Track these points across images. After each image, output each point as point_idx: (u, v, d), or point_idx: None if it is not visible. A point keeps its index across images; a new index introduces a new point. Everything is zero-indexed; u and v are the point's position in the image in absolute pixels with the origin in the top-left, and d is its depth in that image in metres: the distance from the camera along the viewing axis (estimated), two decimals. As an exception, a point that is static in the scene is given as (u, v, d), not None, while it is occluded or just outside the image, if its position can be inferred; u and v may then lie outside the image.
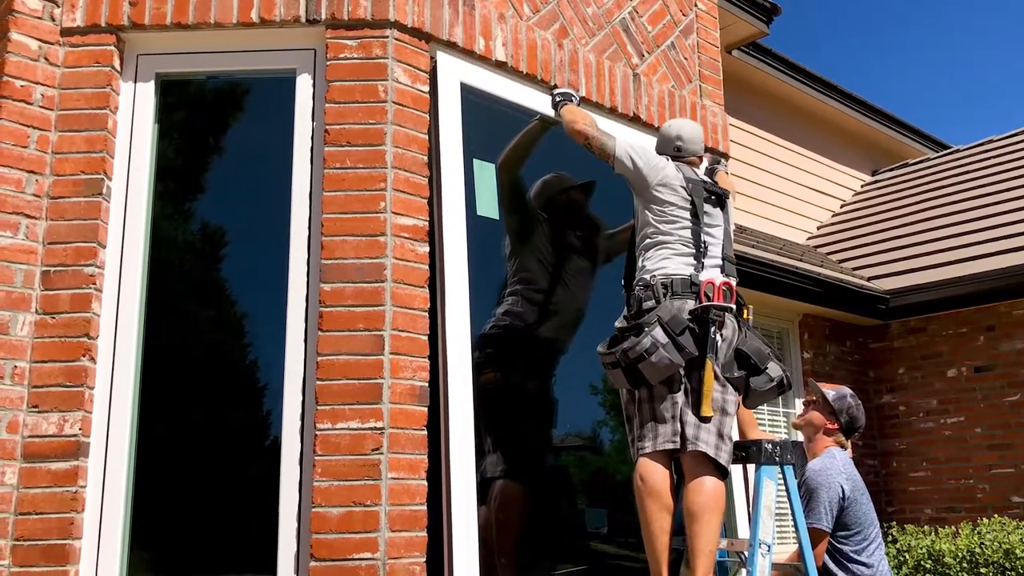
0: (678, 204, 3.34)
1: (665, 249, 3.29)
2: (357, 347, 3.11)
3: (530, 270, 3.78)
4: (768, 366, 3.27)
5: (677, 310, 3.12)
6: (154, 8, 3.37)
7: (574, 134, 3.53)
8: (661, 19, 4.45)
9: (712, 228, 3.36)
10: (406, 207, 3.28)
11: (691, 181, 3.38)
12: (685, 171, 3.42)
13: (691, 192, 3.35)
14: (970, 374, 7.42)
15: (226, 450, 3.28)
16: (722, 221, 3.42)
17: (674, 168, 3.41)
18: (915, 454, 7.66)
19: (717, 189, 3.46)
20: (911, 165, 10.50)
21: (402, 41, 3.40)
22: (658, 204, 3.35)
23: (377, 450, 3.03)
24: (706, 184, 3.44)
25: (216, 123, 3.57)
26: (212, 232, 3.50)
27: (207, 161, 3.55)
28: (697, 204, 3.33)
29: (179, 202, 3.48)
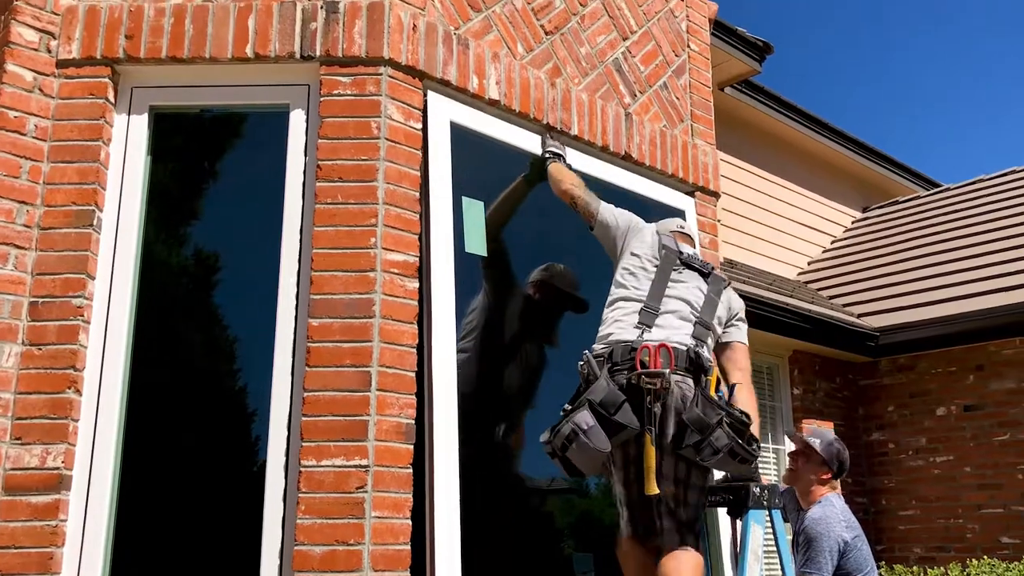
0: (646, 262, 3.29)
1: (619, 309, 3.21)
2: (344, 383, 3.10)
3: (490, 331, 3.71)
4: (714, 435, 2.95)
5: (611, 387, 2.95)
6: (150, 42, 3.38)
7: (560, 193, 3.56)
8: (654, 59, 4.49)
9: (681, 289, 3.25)
10: (397, 243, 3.29)
11: (667, 248, 3.33)
12: (665, 239, 3.38)
13: (663, 258, 3.29)
14: (959, 413, 7.43)
15: (210, 485, 3.26)
16: (700, 287, 3.30)
17: (653, 232, 3.40)
18: (904, 492, 7.65)
19: (696, 263, 3.36)
20: (901, 202, 10.57)
21: (396, 78, 3.42)
22: (627, 260, 3.33)
23: (362, 488, 3.02)
24: (683, 255, 3.35)
25: (209, 157, 3.58)
26: (203, 266, 3.50)
27: (199, 195, 3.56)
28: (663, 266, 3.27)
29: (170, 235, 3.48)
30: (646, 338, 3.07)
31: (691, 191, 4.46)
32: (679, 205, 4.38)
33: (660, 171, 4.31)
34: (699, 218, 4.45)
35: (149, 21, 3.40)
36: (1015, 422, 7.10)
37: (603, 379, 2.99)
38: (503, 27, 3.86)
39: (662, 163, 4.32)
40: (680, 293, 3.25)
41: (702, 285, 3.32)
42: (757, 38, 8.73)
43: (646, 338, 3.07)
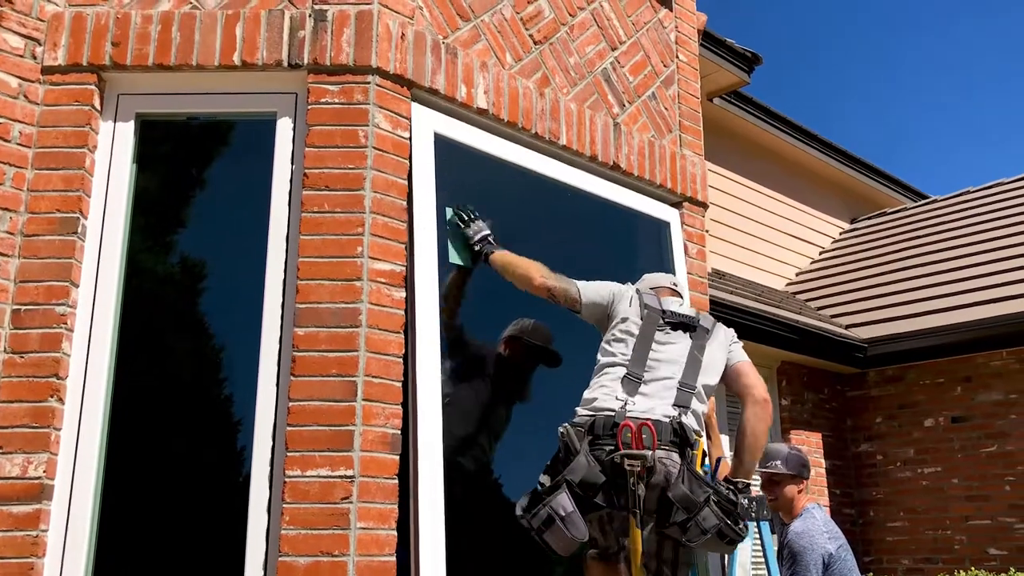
0: (632, 326, 3.23)
1: (604, 375, 3.15)
2: (329, 393, 3.08)
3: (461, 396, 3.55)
4: (702, 514, 2.88)
5: (591, 465, 2.87)
6: (136, 49, 3.37)
7: (533, 289, 3.37)
8: (642, 70, 4.49)
9: (664, 352, 3.19)
10: (384, 252, 3.27)
11: (649, 307, 3.28)
12: (647, 298, 3.33)
13: (644, 318, 3.24)
14: (947, 424, 7.45)
15: (194, 496, 3.22)
16: (684, 346, 3.24)
17: (634, 293, 3.35)
18: (892, 504, 7.65)
19: (682, 318, 3.30)
20: (889, 214, 10.61)
21: (384, 87, 3.41)
22: (614, 327, 3.27)
23: (347, 499, 2.99)
24: (666, 313, 3.29)
25: (196, 165, 3.56)
26: (189, 274, 3.48)
27: (186, 203, 3.54)
28: (646, 328, 3.21)
29: (156, 243, 3.45)
30: (629, 410, 3.00)
31: (679, 202, 4.46)
32: (666, 217, 4.39)
33: (648, 182, 4.31)
34: (687, 228, 4.46)
35: (136, 28, 3.38)
36: (1002, 434, 7.12)
37: (583, 455, 2.90)
38: (492, 36, 3.86)
39: (650, 174, 4.31)
40: (664, 356, 3.19)
41: (685, 343, 3.25)
42: (746, 49, 8.77)
43: (629, 410, 3.00)
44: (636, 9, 4.56)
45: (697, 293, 4.42)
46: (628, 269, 4.30)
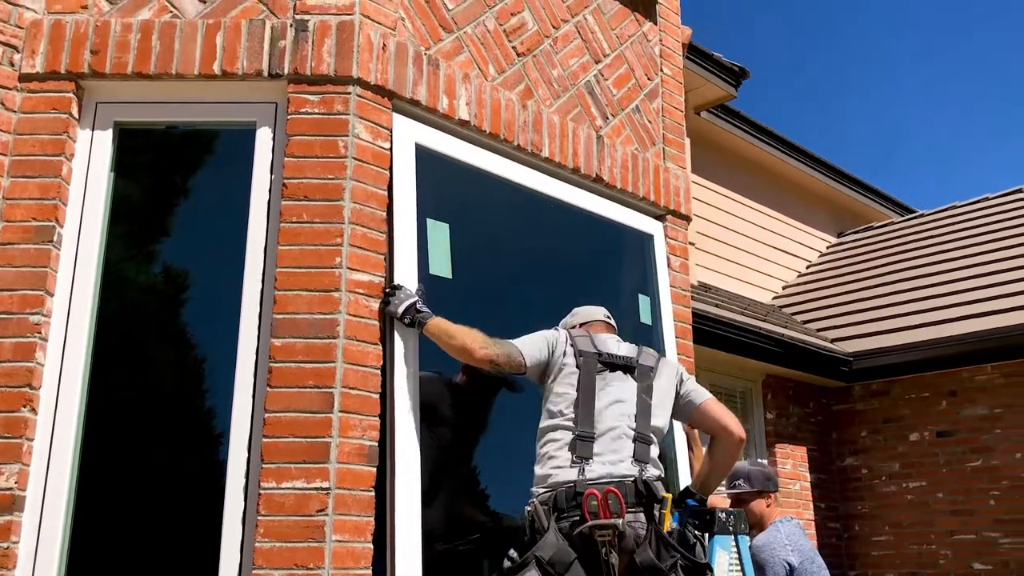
0: (568, 375, 3.07)
1: (552, 441, 2.98)
2: (306, 404, 3.06)
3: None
4: None
5: (560, 543, 2.76)
6: (115, 57, 3.35)
7: (476, 362, 3.13)
8: (626, 82, 4.49)
9: (609, 398, 3.05)
10: (362, 263, 3.25)
11: (583, 354, 3.11)
12: (580, 340, 3.16)
13: (581, 365, 3.08)
14: (932, 439, 7.45)
15: (168, 507, 3.19)
16: (629, 389, 3.11)
17: (566, 338, 3.18)
18: (877, 518, 7.64)
19: (622, 360, 3.16)
20: (876, 228, 10.64)
21: (364, 98, 3.40)
22: (550, 379, 3.11)
23: (322, 511, 2.97)
24: (603, 356, 3.12)
25: (175, 174, 3.54)
26: (166, 284, 3.45)
27: (164, 212, 3.51)
28: (585, 378, 3.05)
29: (133, 252, 3.43)
30: (588, 476, 2.87)
31: (662, 215, 4.46)
32: (649, 229, 4.38)
33: (631, 194, 4.31)
34: (670, 242, 4.45)
35: (115, 37, 3.37)
36: (987, 448, 7.12)
37: (551, 532, 2.79)
38: (475, 48, 3.85)
39: (633, 186, 4.31)
40: (610, 405, 3.04)
41: (630, 385, 3.13)
42: (733, 63, 8.81)
43: (588, 476, 2.87)
44: (620, 22, 4.56)
45: (680, 306, 4.41)
46: (611, 281, 4.32)
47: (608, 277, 4.31)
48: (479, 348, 3.10)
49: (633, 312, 4.25)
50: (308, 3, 3.46)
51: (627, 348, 3.26)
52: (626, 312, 4.25)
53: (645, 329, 4.24)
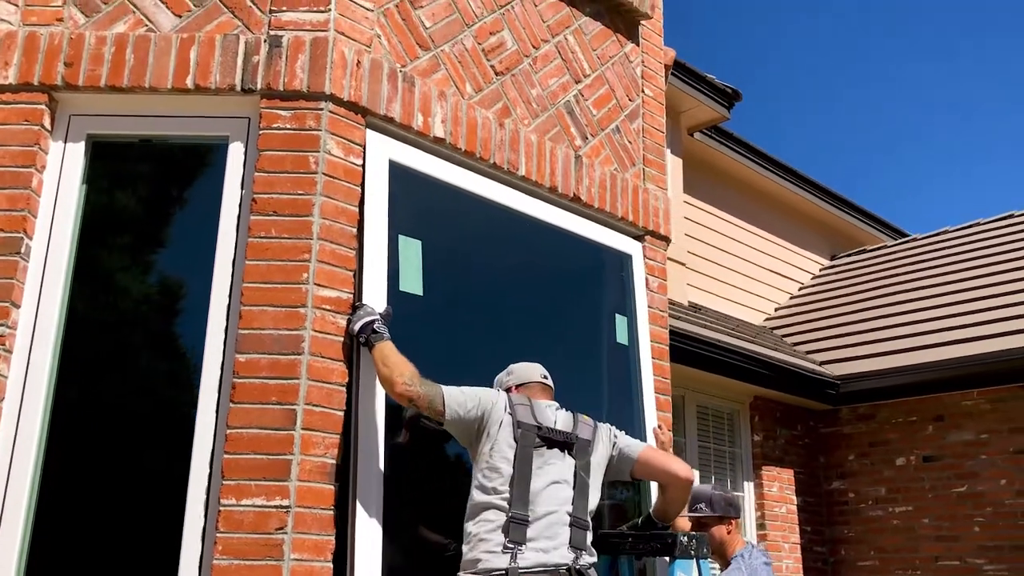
0: (504, 448, 2.93)
1: (484, 521, 2.86)
2: (268, 421, 3.04)
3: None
4: None
5: None
6: (89, 69, 3.35)
7: (394, 396, 3.02)
8: (607, 103, 4.50)
9: (546, 477, 2.94)
10: (330, 279, 3.24)
11: (522, 427, 2.97)
12: (520, 411, 3.01)
13: (519, 439, 2.95)
14: (918, 463, 7.42)
15: (129, 522, 3.17)
16: (568, 468, 3.00)
17: (504, 404, 3.02)
18: (863, 542, 7.60)
19: (559, 436, 3.03)
20: (869, 251, 10.63)
21: (337, 114, 3.40)
22: (483, 452, 2.97)
23: (281, 529, 2.94)
24: (542, 430, 3.00)
25: (147, 187, 3.54)
26: (135, 297, 3.44)
27: (135, 225, 3.50)
28: (522, 453, 2.91)
29: (103, 264, 3.41)
30: (521, 564, 2.76)
31: (641, 235, 4.45)
32: (628, 249, 4.37)
33: (610, 214, 4.30)
34: (648, 262, 4.44)
35: (90, 49, 3.37)
36: (972, 474, 7.09)
37: None
38: (452, 66, 3.86)
39: (612, 206, 4.31)
40: (547, 487, 2.93)
41: (568, 464, 3.02)
42: (726, 85, 8.82)
43: (521, 564, 2.76)
44: (602, 43, 4.57)
45: (657, 327, 4.40)
46: (588, 301, 4.31)
47: (585, 297, 4.29)
48: (401, 383, 2.96)
49: (610, 332, 4.24)
50: (283, 19, 3.47)
51: (564, 419, 3.14)
52: (602, 332, 4.25)
53: (622, 349, 4.23)
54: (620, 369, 4.23)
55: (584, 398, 4.21)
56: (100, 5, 3.47)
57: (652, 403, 4.20)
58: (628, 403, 4.20)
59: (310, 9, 3.48)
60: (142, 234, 3.50)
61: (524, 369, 3.33)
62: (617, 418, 4.20)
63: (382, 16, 3.65)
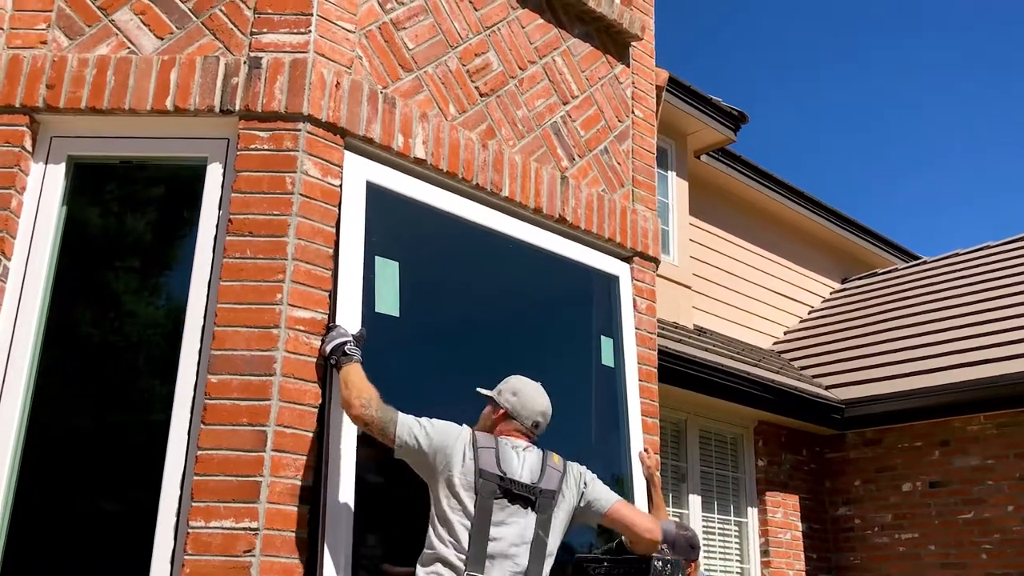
0: (465, 498, 2.80)
1: (433, 554, 2.76)
2: (238, 443, 3.02)
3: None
4: None
5: None
6: (70, 92, 3.38)
7: (351, 418, 2.98)
8: (595, 124, 4.48)
9: (506, 536, 2.81)
10: (304, 300, 3.24)
11: (484, 475, 2.82)
12: (483, 456, 2.85)
13: (480, 490, 2.80)
14: (924, 489, 7.29)
15: (100, 544, 3.15)
16: (529, 527, 2.86)
17: (467, 446, 2.87)
18: (869, 570, 7.47)
19: (521, 491, 2.87)
20: (880, 274, 10.54)
21: (315, 135, 3.40)
22: (441, 496, 2.83)
23: (249, 552, 2.92)
24: (504, 481, 2.84)
25: (126, 208, 3.55)
26: (113, 317, 3.44)
27: (114, 246, 3.50)
28: (483, 504, 2.78)
29: (82, 285, 3.42)
30: None
31: (629, 256, 4.42)
32: (615, 270, 4.34)
33: (596, 235, 4.28)
34: (636, 283, 4.41)
35: (72, 71, 3.40)
36: (979, 500, 6.96)
37: None
38: (435, 88, 3.86)
39: (599, 227, 4.28)
40: (502, 544, 2.80)
41: (528, 522, 2.87)
42: (732, 108, 8.80)
43: None
44: (591, 64, 4.57)
45: (645, 348, 4.36)
46: (573, 322, 4.27)
47: (570, 318, 4.26)
48: (358, 405, 2.90)
49: (596, 355, 4.20)
50: (264, 41, 3.49)
51: (532, 463, 2.95)
52: (588, 355, 4.21)
53: (608, 372, 4.19)
54: (606, 392, 4.20)
55: (569, 422, 4.18)
56: (84, 28, 3.51)
57: (639, 426, 4.16)
58: (614, 426, 4.16)
59: (291, 31, 3.50)
60: (121, 255, 3.51)
61: (525, 402, 3.08)
62: (603, 441, 4.18)
63: (364, 38, 3.67)
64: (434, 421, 2.94)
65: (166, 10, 3.51)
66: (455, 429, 2.94)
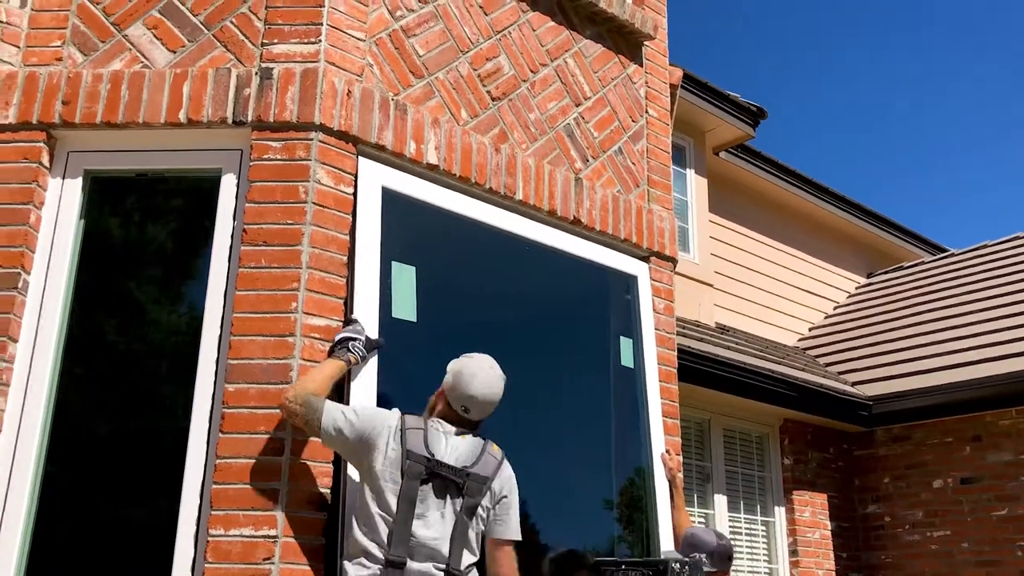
0: (386, 484, 2.77)
1: (360, 565, 2.74)
2: (256, 451, 3.04)
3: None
4: None
5: None
6: (85, 107, 3.42)
7: (278, 405, 2.99)
8: (609, 125, 4.47)
9: (427, 521, 2.78)
10: (319, 307, 3.25)
11: (411, 456, 2.78)
12: (411, 438, 2.80)
13: (405, 472, 2.75)
14: (956, 485, 7.20)
15: (123, 554, 3.18)
16: (451, 514, 2.82)
17: (395, 431, 2.82)
18: (901, 568, 7.38)
19: (447, 472, 2.81)
20: (906, 268, 10.42)
21: (327, 143, 3.42)
22: (367, 482, 2.83)
23: (269, 559, 2.94)
24: (431, 464, 2.78)
25: (143, 220, 3.58)
26: (132, 329, 3.48)
27: (132, 258, 3.54)
28: (407, 489, 2.73)
29: (100, 297, 3.46)
30: None
31: (646, 256, 4.40)
32: (632, 271, 4.33)
33: (612, 236, 4.26)
34: (655, 283, 4.39)
35: (86, 87, 3.44)
36: (1013, 496, 6.85)
37: None
38: (446, 93, 3.87)
39: (614, 228, 4.27)
40: (425, 534, 2.76)
41: (455, 508, 2.82)
42: (750, 103, 8.75)
43: None
44: (603, 65, 4.55)
45: (665, 349, 4.34)
46: (591, 323, 4.27)
47: (588, 319, 4.26)
48: (286, 391, 2.93)
49: (615, 356, 4.19)
50: (274, 51, 3.51)
51: (462, 450, 2.89)
52: (607, 356, 4.20)
53: (626, 372, 4.18)
54: (626, 393, 4.18)
55: (589, 424, 4.18)
56: (98, 43, 3.55)
57: (659, 427, 4.14)
58: (635, 428, 4.14)
59: (301, 41, 3.52)
60: (138, 266, 3.55)
61: (456, 383, 2.97)
62: (624, 443, 4.17)
63: (374, 45, 3.68)
64: (361, 408, 2.93)
65: (178, 23, 3.54)
66: (383, 415, 2.91)
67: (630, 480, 4.18)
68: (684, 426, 4.57)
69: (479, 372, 2.99)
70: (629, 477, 4.20)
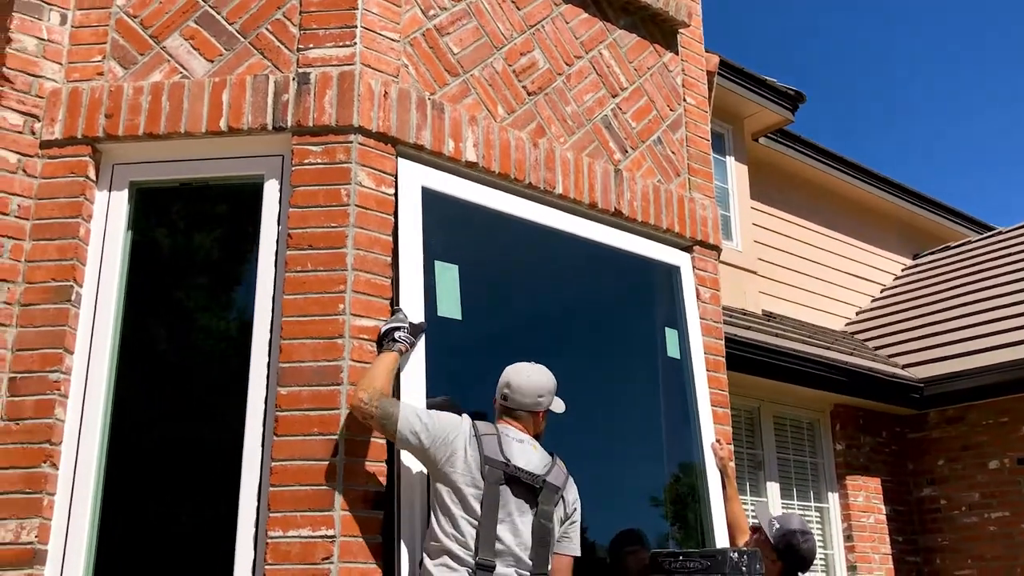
0: (468, 490, 2.82)
1: (442, 568, 2.76)
2: (311, 452, 3.07)
3: None
4: None
5: None
6: (128, 120, 3.47)
7: (349, 406, 3.02)
8: (646, 115, 4.44)
9: (510, 524, 2.83)
10: (366, 308, 3.27)
11: (490, 463, 2.83)
12: (487, 444, 2.86)
13: (486, 477, 2.80)
14: (1013, 466, 7.07)
15: (185, 559, 3.23)
16: (530, 517, 2.87)
17: (469, 437, 2.88)
18: (959, 551, 7.27)
19: (526, 478, 2.87)
20: (952, 248, 10.25)
21: (367, 145, 3.44)
22: (446, 485, 2.86)
23: (328, 559, 2.96)
24: (509, 468, 2.84)
25: (189, 229, 3.63)
26: (183, 336, 3.53)
27: (179, 267, 3.59)
28: (489, 495, 2.78)
29: (150, 306, 3.51)
30: None
31: (689, 246, 4.37)
32: (675, 261, 4.30)
33: (654, 227, 4.24)
34: (699, 273, 4.35)
35: (128, 100, 3.49)
36: (1072, 475, 6.72)
37: None
38: (482, 90, 3.87)
39: (656, 219, 4.24)
40: (511, 537, 2.82)
41: (530, 513, 2.88)
42: (788, 87, 8.65)
43: None
44: (639, 54, 4.53)
45: (711, 338, 4.30)
46: (635, 316, 4.25)
47: (632, 311, 4.24)
48: (358, 392, 2.94)
49: (662, 347, 4.16)
50: (311, 56, 3.53)
51: (535, 459, 2.96)
52: (654, 348, 4.18)
53: (673, 363, 4.15)
54: (674, 384, 4.16)
55: (638, 417, 4.16)
56: (137, 56, 3.60)
57: (709, 417, 4.11)
58: (684, 419, 4.12)
59: (336, 44, 3.54)
60: (187, 274, 3.59)
61: (525, 388, 3.07)
62: (674, 435, 4.14)
63: (408, 46, 3.69)
64: (434, 413, 2.99)
65: (214, 33, 3.58)
66: (455, 420, 2.97)
67: (682, 471, 4.16)
68: (734, 415, 4.54)
69: (524, 366, 3.15)
70: (680, 468, 4.17)
